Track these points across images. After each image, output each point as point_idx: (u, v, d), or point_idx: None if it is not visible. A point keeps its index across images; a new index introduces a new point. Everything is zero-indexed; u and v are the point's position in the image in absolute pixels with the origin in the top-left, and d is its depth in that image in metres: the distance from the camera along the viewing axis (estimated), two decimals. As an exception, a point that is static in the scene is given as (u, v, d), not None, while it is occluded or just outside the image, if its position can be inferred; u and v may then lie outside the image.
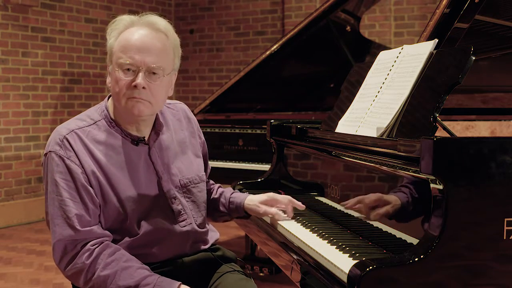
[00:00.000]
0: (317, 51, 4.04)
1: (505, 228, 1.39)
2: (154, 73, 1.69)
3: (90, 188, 1.67)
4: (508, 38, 2.36)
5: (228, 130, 3.79)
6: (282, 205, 1.98)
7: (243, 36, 7.03)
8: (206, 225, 1.92)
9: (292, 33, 3.77)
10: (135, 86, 1.66)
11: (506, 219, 1.39)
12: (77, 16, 6.21)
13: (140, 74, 1.67)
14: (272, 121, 2.54)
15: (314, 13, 3.70)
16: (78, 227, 1.64)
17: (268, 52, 3.83)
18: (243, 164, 3.65)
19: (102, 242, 1.66)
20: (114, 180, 1.70)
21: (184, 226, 1.80)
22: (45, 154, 1.70)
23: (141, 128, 1.77)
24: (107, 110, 1.77)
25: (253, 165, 3.61)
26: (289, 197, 2.00)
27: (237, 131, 3.74)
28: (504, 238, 1.39)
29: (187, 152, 1.90)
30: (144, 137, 1.78)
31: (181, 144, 1.89)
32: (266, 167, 3.22)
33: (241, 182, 2.48)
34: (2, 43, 5.49)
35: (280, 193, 2.42)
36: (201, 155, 1.97)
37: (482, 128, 2.50)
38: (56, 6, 5.98)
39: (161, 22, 1.74)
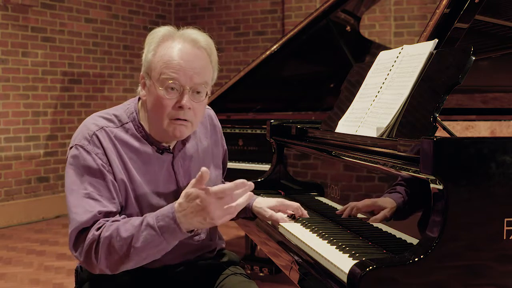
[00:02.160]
0: (317, 51, 4.04)
1: (505, 228, 1.39)
2: (198, 92, 1.66)
3: (115, 186, 1.63)
4: (508, 38, 2.37)
5: (228, 130, 3.79)
6: (290, 210, 1.97)
7: (243, 36, 7.03)
8: (217, 236, 1.92)
9: (292, 33, 3.77)
10: (180, 107, 1.63)
11: (506, 219, 1.39)
12: (77, 16, 6.21)
13: (186, 94, 1.63)
14: (272, 121, 2.54)
15: (314, 13, 3.70)
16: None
17: (268, 52, 3.83)
18: (243, 164, 3.65)
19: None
20: (136, 184, 1.67)
21: (197, 241, 1.79)
22: (71, 147, 1.66)
23: (169, 139, 1.75)
24: (137, 114, 1.73)
25: (253, 165, 3.61)
26: (297, 203, 1.99)
27: (237, 131, 3.74)
28: (504, 238, 1.39)
29: (209, 162, 1.88)
30: (170, 145, 1.75)
31: (204, 153, 1.87)
32: (266, 167, 3.21)
33: (241, 182, 2.48)
34: (2, 43, 5.49)
35: (280, 193, 2.43)
36: (221, 165, 1.96)
37: (482, 128, 2.50)
38: (56, 6, 5.98)
39: (202, 38, 1.69)
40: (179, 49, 1.64)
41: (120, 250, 1.52)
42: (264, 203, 1.96)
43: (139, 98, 1.76)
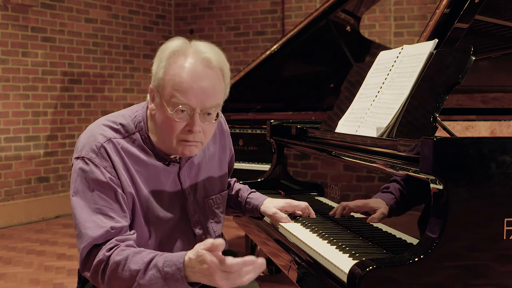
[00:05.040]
0: (317, 51, 4.04)
1: (505, 228, 1.39)
2: (209, 114, 1.63)
3: (125, 199, 1.62)
4: (508, 38, 2.37)
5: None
6: (298, 210, 1.97)
7: (243, 36, 7.03)
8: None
9: (292, 33, 3.77)
10: (190, 131, 1.60)
11: (506, 219, 1.39)
12: (77, 16, 6.21)
13: (197, 119, 1.59)
14: (272, 121, 2.54)
15: (314, 13, 3.70)
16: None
17: (268, 52, 3.83)
18: (243, 164, 3.65)
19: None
20: (142, 197, 1.66)
21: None
22: (77, 158, 1.63)
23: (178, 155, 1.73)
24: (144, 123, 1.70)
25: (253, 165, 3.61)
26: (305, 203, 1.99)
27: (237, 131, 3.74)
28: (504, 238, 1.39)
29: (215, 168, 1.87)
30: (176, 157, 1.73)
31: (211, 160, 1.85)
32: (266, 167, 3.21)
33: (241, 182, 2.48)
34: (2, 43, 5.49)
35: (280, 193, 2.43)
36: (227, 170, 1.95)
37: (482, 128, 2.50)
38: (56, 6, 5.98)
39: (215, 57, 1.63)
40: (190, 70, 1.58)
41: (124, 280, 1.51)
42: (272, 204, 1.97)
43: (147, 106, 1.72)
